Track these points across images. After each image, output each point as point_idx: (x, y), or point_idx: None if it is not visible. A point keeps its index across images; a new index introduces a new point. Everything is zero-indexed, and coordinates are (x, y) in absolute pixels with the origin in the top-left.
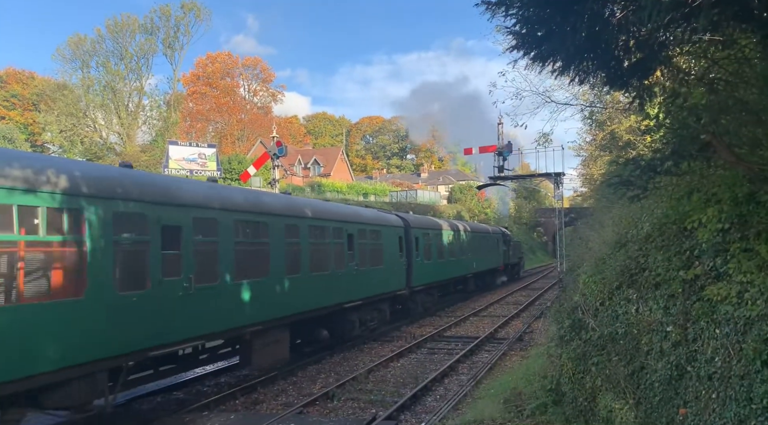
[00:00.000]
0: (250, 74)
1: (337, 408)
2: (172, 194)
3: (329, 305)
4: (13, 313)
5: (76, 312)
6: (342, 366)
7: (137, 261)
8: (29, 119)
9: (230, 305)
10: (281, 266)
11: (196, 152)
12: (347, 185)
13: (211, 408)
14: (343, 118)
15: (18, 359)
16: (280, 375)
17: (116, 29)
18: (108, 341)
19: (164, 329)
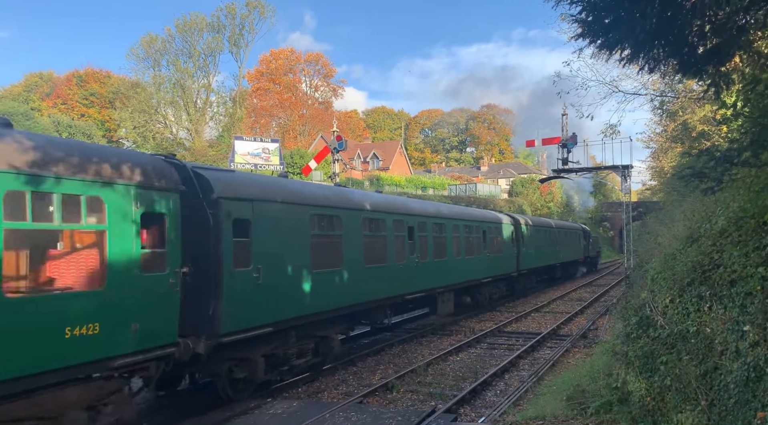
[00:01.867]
0: (312, 70)
1: (396, 400)
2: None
3: (472, 279)
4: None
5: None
6: (401, 358)
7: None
8: (106, 116)
9: (431, 275)
10: (453, 252)
11: (260, 146)
12: (406, 179)
13: (275, 396)
14: (402, 111)
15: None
16: (341, 365)
17: (185, 28)
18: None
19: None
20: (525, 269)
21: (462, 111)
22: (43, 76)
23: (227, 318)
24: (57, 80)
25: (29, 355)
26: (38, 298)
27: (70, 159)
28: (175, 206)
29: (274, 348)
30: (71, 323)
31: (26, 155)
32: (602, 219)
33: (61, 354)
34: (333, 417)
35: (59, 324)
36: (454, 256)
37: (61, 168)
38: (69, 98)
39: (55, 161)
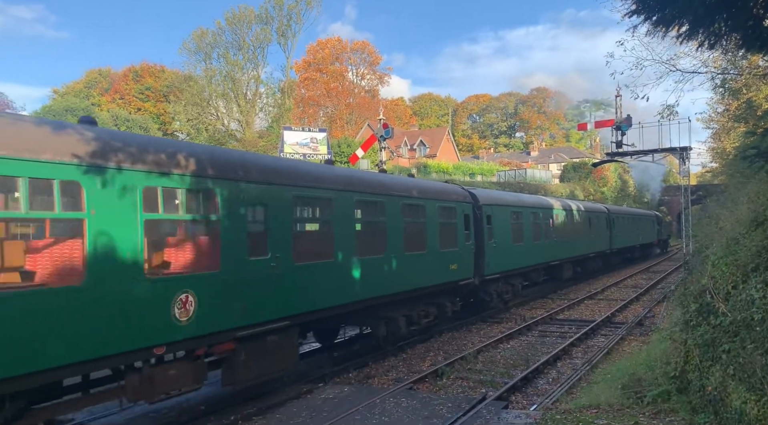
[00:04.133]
0: (358, 58)
1: (446, 386)
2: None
3: (583, 254)
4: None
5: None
6: (450, 345)
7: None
8: (161, 110)
9: (560, 250)
10: (574, 233)
11: (308, 136)
12: (453, 166)
13: (326, 381)
14: (449, 97)
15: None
16: (391, 351)
17: (234, 21)
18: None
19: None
20: (615, 248)
21: (511, 95)
22: (102, 73)
23: (488, 267)
24: (115, 76)
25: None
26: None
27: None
28: (471, 209)
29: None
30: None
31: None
32: (659, 203)
33: (449, 277)
34: (383, 402)
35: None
36: (574, 236)
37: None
38: (126, 93)
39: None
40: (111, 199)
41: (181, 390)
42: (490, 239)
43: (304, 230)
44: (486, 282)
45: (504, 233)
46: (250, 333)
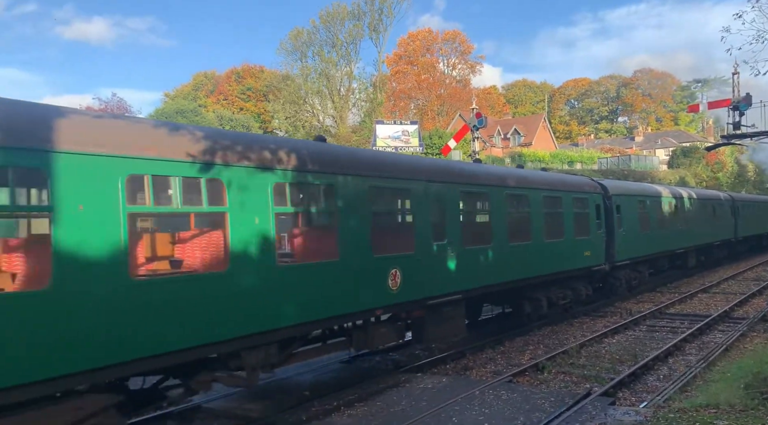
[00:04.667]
0: (449, 48)
1: (547, 380)
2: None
3: (708, 242)
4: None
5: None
6: (550, 338)
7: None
8: (261, 109)
9: (686, 237)
10: (696, 223)
11: (399, 129)
12: (550, 154)
13: (424, 371)
14: (545, 83)
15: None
16: (488, 344)
17: (328, 19)
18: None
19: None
20: (741, 236)
21: (612, 78)
22: (208, 76)
23: (618, 254)
24: (219, 78)
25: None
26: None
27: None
28: (601, 199)
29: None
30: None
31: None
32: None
33: (583, 263)
34: (483, 394)
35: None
36: (699, 225)
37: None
38: (229, 94)
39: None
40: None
41: (385, 345)
42: (619, 227)
43: (467, 220)
44: (616, 268)
45: (632, 221)
46: (436, 302)
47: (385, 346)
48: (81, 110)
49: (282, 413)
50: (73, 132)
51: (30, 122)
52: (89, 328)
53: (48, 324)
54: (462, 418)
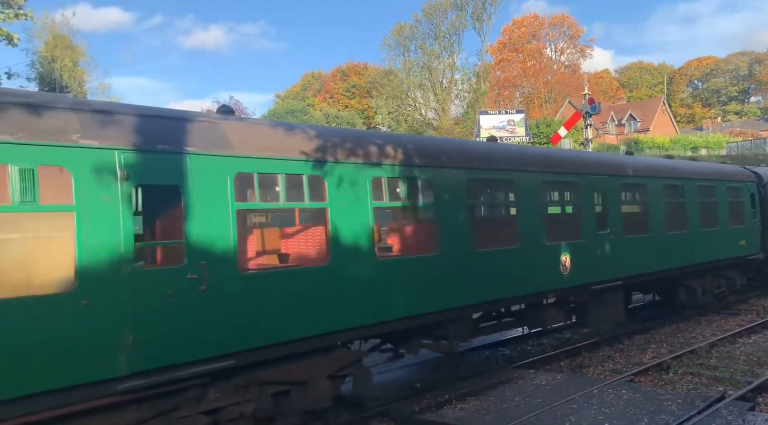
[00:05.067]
0: (557, 33)
1: (673, 381)
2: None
3: None
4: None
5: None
6: (675, 337)
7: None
8: (365, 105)
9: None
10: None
11: (504, 119)
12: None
13: (537, 367)
14: (663, 64)
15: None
16: (605, 341)
17: (431, 11)
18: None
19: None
20: None
21: (743, 55)
22: (315, 75)
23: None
24: (325, 77)
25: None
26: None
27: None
28: (756, 188)
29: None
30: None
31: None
32: None
33: (737, 252)
34: (601, 393)
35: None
36: None
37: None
38: (335, 92)
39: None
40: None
41: (554, 325)
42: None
43: (627, 210)
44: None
45: None
46: (599, 288)
47: (553, 326)
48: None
49: (395, 403)
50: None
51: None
52: (354, 296)
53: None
54: (579, 417)
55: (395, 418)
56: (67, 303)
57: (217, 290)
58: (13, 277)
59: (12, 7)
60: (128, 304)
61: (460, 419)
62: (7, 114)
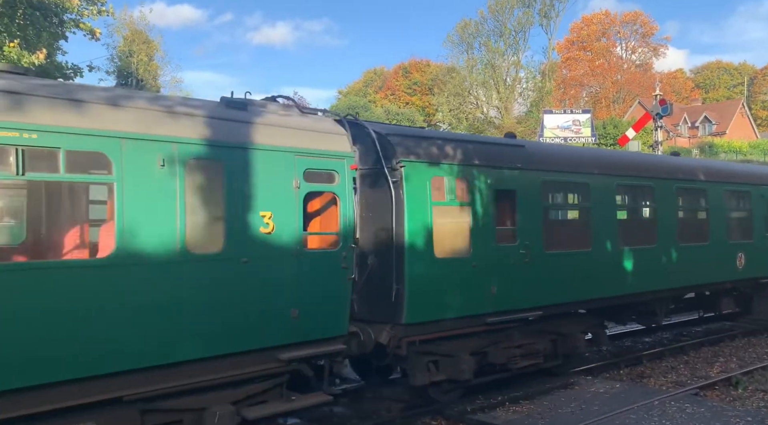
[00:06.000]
0: (629, 31)
1: (743, 398)
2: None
3: None
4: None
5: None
6: (746, 351)
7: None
8: (426, 102)
9: None
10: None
11: (570, 118)
12: (749, 144)
13: (595, 374)
14: (744, 64)
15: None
16: (668, 351)
17: (497, 8)
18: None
19: None
20: None
21: None
22: (377, 72)
23: None
24: (387, 74)
25: None
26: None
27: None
28: None
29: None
30: None
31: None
32: None
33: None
34: (663, 405)
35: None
36: None
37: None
38: (396, 89)
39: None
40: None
41: (725, 311)
42: None
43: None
44: None
45: None
46: (765, 282)
47: (724, 312)
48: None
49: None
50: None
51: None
52: (605, 273)
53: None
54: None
55: (447, 416)
56: (466, 263)
57: (534, 262)
58: (449, 246)
59: (96, 4)
60: (494, 267)
61: (511, 422)
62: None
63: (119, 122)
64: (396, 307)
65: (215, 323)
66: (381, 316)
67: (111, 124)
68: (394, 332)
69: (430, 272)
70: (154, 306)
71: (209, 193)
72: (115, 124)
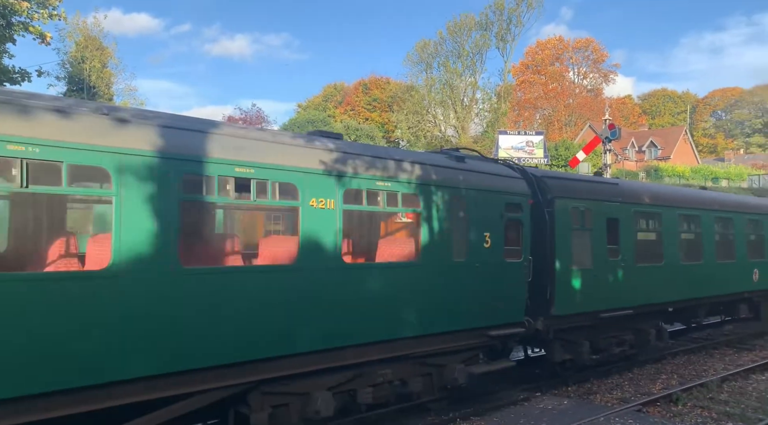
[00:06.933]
0: (581, 57)
1: (682, 413)
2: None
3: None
4: None
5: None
6: (686, 369)
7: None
8: (385, 119)
9: None
10: None
11: (524, 140)
12: (691, 169)
13: (544, 391)
14: (688, 93)
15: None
16: (615, 369)
17: (455, 29)
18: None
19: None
20: None
21: None
22: (337, 87)
23: None
24: (347, 89)
25: None
26: None
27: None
28: None
29: None
30: None
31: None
32: None
33: None
34: (608, 421)
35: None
36: None
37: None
38: (356, 104)
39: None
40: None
41: (740, 316)
42: None
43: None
44: None
45: None
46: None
47: (740, 317)
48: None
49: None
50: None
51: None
52: (676, 281)
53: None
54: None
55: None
56: (590, 273)
57: (629, 272)
58: (579, 259)
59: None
60: (606, 276)
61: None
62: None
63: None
64: (548, 303)
65: (462, 306)
66: (538, 310)
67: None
68: (547, 321)
69: (569, 279)
70: (433, 294)
71: (461, 220)
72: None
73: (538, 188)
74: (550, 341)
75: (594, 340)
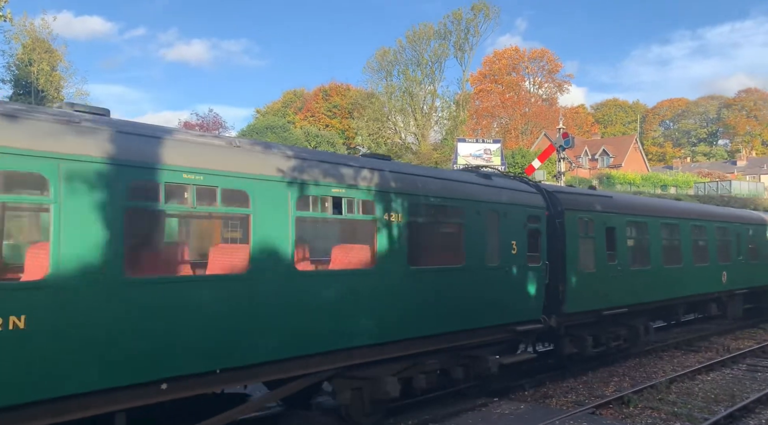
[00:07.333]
0: (536, 67)
1: (633, 415)
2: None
3: None
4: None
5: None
6: (637, 371)
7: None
8: (345, 125)
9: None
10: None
11: (482, 147)
12: (641, 177)
13: (501, 396)
14: (638, 103)
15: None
16: (570, 373)
17: (414, 38)
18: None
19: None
20: None
21: (713, 99)
22: (297, 93)
23: None
24: (307, 96)
25: None
26: None
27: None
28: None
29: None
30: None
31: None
32: None
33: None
34: (563, 424)
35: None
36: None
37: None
38: (316, 111)
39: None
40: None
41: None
42: None
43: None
44: None
45: None
46: (737, 293)
47: (711, 315)
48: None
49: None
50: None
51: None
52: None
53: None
54: None
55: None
56: (593, 275)
57: (624, 275)
58: (584, 263)
59: None
60: (606, 279)
61: None
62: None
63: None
64: (560, 302)
65: (497, 304)
66: (551, 308)
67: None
68: (559, 318)
69: (578, 280)
70: (475, 294)
71: (494, 230)
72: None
73: (550, 202)
74: (561, 336)
75: (596, 335)
